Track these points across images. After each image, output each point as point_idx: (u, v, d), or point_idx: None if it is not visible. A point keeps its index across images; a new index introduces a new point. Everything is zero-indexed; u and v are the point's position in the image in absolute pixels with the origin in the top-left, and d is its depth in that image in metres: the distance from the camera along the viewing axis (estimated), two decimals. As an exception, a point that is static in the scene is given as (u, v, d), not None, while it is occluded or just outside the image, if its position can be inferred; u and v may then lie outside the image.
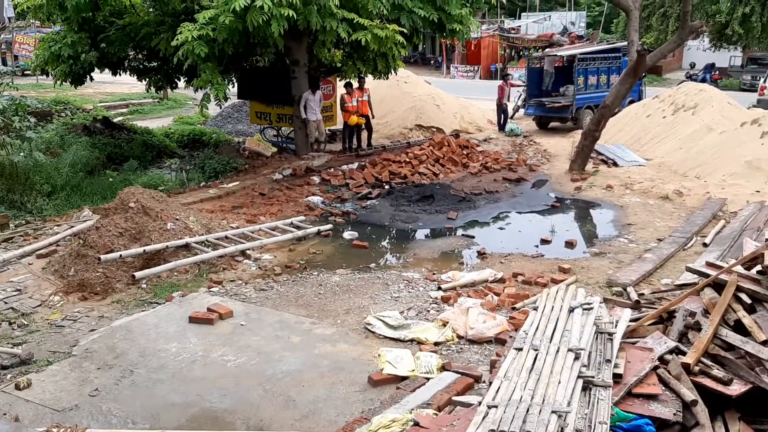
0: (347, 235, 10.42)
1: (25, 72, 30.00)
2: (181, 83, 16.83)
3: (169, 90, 20.68)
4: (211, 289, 7.99)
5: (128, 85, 26.35)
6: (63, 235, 9.73)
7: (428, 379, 5.59)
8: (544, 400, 4.20)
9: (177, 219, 9.28)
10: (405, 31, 13.26)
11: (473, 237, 10.51)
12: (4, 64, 33.41)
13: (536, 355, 4.90)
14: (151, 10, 14.58)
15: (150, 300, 7.73)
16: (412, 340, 6.51)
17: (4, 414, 5.15)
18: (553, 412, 4.06)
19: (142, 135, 16.98)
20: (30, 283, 8.26)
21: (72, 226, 10.07)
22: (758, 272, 5.65)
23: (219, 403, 5.36)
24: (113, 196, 10.17)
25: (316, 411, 5.24)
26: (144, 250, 8.47)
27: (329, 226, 10.66)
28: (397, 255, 9.79)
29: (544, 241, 10.16)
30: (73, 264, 8.26)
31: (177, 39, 11.44)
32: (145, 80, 16.70)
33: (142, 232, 8.77)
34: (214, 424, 5.00)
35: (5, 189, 11.59)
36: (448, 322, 6.74)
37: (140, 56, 15.84)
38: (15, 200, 11.54)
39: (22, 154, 11.92)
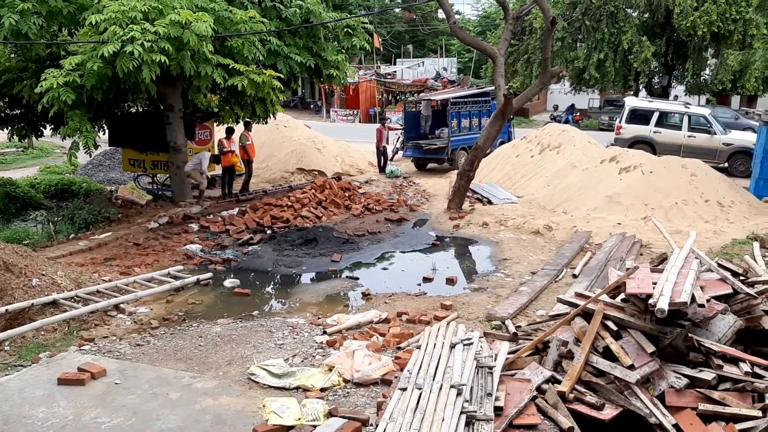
0: (228, 283, 10.17)
1: None
2: (47, 131, 16.01)
3: (34, 138, 19.63)
4: (82, 348, 7.52)
5: (-13, 133, 24.74)
6: None
7: (315, 426, 5.50)
8: (429, 438, 4.25)
9: (43, 274, 8.72)
10: (282, 76, 13.34)
11: (357, 278, 10.57)
12: None
13: (420, 393, 4.96)
14: (12, 56, 13.84)
15: (14, 363, 7.16)
16: (297, 388, 6.40)
17: None
18: (438, 450, 4.11)
19: (4, 186, 15.92)
20: None
21: None
22: (622, 300, 6.04)
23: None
24: (-31, 253, 9.41)
25: (198, 470, 5.02)
26: (6, 310, 7.86)
27: (209, 274, 10.37)
28: (282, 300, 9.65)
29: (426, 279, 10.37)
30: None
31: (41, 86, 10.91)
32: (7, 129, 15.76)
33: (4, 290, 8.16)
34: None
35: None
36: (334, 367, 6.68)
37: (1, 103, 14.95)
38: None
39: None
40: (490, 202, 15.65)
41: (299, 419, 5.67)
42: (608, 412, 5.14)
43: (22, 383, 6.50)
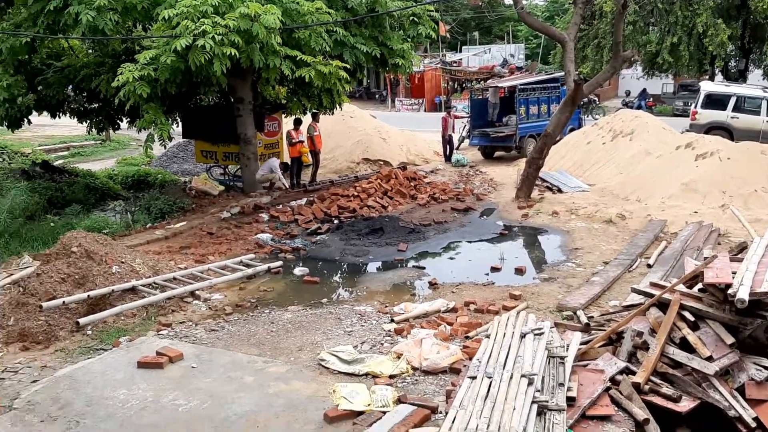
0: (298, 271, 10.34)
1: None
2: (124, 124, 16.60)
3: (111, 131, 20.39)
4: (160, 333, 7.80)
5: (69, 127, 25.84)
6: (1, 283, 9.35)
7: (384, 412, 5.54)
8: (500, 427, 4.22)
9: (123, 262, 9.07)
10: (348, 66, 13.41)
11: (424, 268, 10.56)
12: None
13: (490, 382, 4.93)
14: (90, 51, 14.40)
15: (96, 347, 7.49)
16: (366, 374, 6.46)
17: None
18: (509, 438, 4.08)
19: (85, 178, 16.63)
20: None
21: (11, 274, 9.69)
22: (699, 290, 5.84)
23: (169, 451, 5.21)
24: (55, 242, 9.89)
25: (272, 452, 5.14)
26: (88, 296, 8.22)
27: (279, 263, 10.56)
28: (349, 289, 9.75)
29: (494, 269, 10.27)
30: (13, 313, 7.95)
31: (117, 80, 11.31)
32: (85, 122, 16.42)
33: (86, 276, 8.53)
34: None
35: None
36: (402, 355, 6.72)
37: (80, 98, 15.59)
38: None
39: (-45, 201, 11.54)
40: (560, 191, 15.36)
41: (369, 405, 5.72)
42: (685, 405, 4.99)
43: (103, 366, 6.79)
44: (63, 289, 8.24)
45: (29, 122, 15.55)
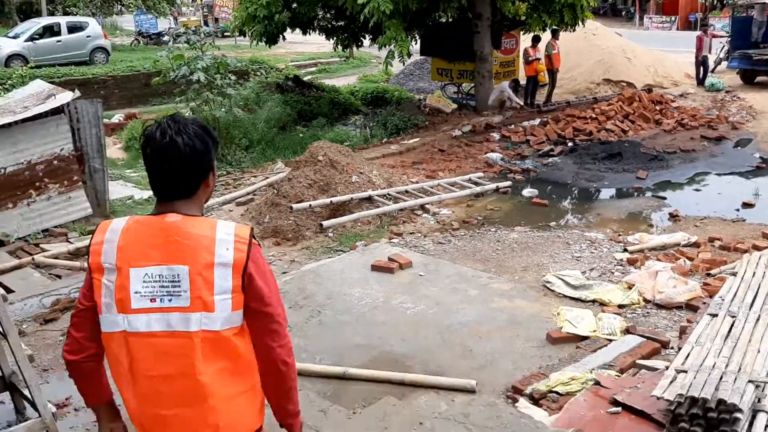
0: (526, 192, 10.22)
1: (225, 33, 32.41)
2: (366, 41, 17.26)
3: (354, 49, 21.32)
4: (391, 240, 8.24)
5: (317, 44, 27.53)
6: (259, 185, 10.48)
7: (610, 340, 5.39)
8: (739, 368, 3.89)
9: (361, 173, 9.63)
10: (596, -22, 12.54)
11: (665, 198, 9.88)
12: (206, 25, 36.22)
13: (733, 322, 4.54)
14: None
15: (335, 248, 8.13)
16: (593, 301, 6.29)
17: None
18: (749, 381, 3.75)
19: (330, 93, 17.72)
20: (230, 228, 8.99)
21: (267, 178, 10.82)
22: None
23: (398, 347, 5.55)
24: (303, 150, 10.76)
25: (493, 362, 5.26)
26: (331, 201, 8.91)
27: (508, 183, 10.51)
28: (579, 215, 9.45)
29: (747, 205, 9.30)
30: (268, 212, 8.88)
31: (363, -3, 11.71)
32: (332, 39, 17.34)
33: (330, 184, 9.21)
34: (393, 366, 5.18)
35: (209, 142, 12.66)
36: (633, 285, 6.41)
37: (328, 15, 16.42)
38: (217, 153, 12.58)
39: (223, 109, 12.94)
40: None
41: (594, 331, 5.59)
42: None
43: (342, 266, 7.37)
44: (310, 194, 8.99)
45: (284, 38, 16.77)
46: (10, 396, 4.04)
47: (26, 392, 3.71)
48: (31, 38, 22.09)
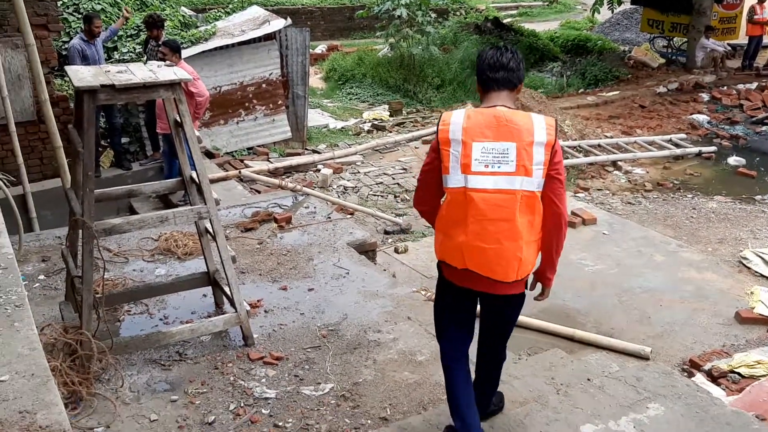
0: (732, 160, 9.40)
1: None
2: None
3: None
4: (576, 194, 8.01)
5: (520, -13, 26.68)
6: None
7: (810, 330, 4.93)
8: None
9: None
10: None
11: None
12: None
13: None
14: None
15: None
16: (796, 285, 5.76)
17: (384, 270, 5.96)
18: None
19: (528, 37, 17.20)
20: (415, 164, 9.20)
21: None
22: None
23: (572, 302, 5.48)
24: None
25: (671, 333, 5.03)
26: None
27: (713, 148, 9.72)
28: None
29: None
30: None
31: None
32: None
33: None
34: (564, 320, 5.13)
35: (402, 78, 12.90)
36: None
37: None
38: (409, 90, 12.82)
39: (420, 47, 13.06)
40: None
41: (792, 318, 5.14)
42: None
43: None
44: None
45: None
46: (212, 290, 4.53)
47: (226, 289, 4.14)
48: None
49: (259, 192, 7.68)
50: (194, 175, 4.00)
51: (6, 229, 2.80)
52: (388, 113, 11.77)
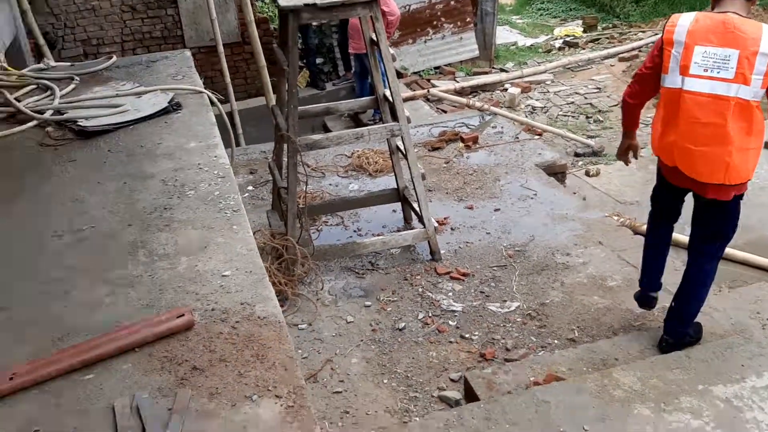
0: None
1: None
2: None
3: None
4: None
5: None
6: (646, 41, 9.80)
7: None
8: None
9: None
10: None
11: None
12: None
13: None
14: None
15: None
16: None
17: (574, 193, 5.78)
18: None
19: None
20: (609, 83, 8.71)
21: (656, 34, 10.04)
22: None
23: (779, 234, 4.99)
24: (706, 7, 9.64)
25: None
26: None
27: None
28: None
29: None
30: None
31: None
32: None
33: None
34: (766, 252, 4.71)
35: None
36: None
37: None
38: (605, 3, 12.01)
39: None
40: None
41: None
42: None
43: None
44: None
45: None
46: (401, 206, 4.69)
47: (415, 205, 4.27)
48: None
49: (445, 111, 7.72)
50: (387, 93, 4.09)
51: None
52: (582, 29, 11.17)
